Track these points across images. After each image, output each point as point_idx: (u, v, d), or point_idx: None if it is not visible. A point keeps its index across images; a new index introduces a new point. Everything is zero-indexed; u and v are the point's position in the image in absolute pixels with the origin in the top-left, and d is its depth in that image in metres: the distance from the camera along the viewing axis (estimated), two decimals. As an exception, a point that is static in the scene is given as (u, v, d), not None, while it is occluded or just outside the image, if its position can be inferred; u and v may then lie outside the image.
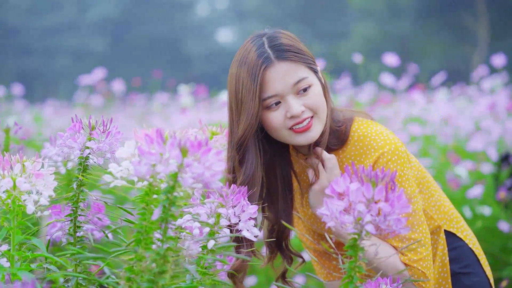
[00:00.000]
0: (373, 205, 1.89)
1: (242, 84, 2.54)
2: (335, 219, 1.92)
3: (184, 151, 1.83)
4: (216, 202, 2.16)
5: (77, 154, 2.16)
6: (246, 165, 2.58)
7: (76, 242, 2.20)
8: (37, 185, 2.02)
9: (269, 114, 2.55)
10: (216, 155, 1.86)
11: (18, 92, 9.71)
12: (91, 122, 2.19)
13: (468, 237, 2.81)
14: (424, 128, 6.38)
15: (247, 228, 2.18)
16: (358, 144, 2.61)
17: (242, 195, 2.18)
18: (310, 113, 2.55)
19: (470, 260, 2.78)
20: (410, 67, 7.94)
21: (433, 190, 2.78)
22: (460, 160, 5.47)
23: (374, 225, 1.89)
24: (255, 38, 2.61)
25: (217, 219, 2.16)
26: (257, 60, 2.52)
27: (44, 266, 2.11)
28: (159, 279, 1.85)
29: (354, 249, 1.95)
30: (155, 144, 1.85)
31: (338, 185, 1.94)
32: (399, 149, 2.57)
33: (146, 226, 1.90)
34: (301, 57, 2.56)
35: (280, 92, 2.52)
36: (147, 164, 1.84)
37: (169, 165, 1.83)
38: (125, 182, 2.00)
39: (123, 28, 33.58)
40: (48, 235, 2.35)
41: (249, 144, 2.57)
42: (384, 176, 1.93)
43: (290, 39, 2.59)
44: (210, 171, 1.84)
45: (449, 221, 2.78)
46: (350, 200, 1.91)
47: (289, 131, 2.56)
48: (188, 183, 1.82)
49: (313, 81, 2.56)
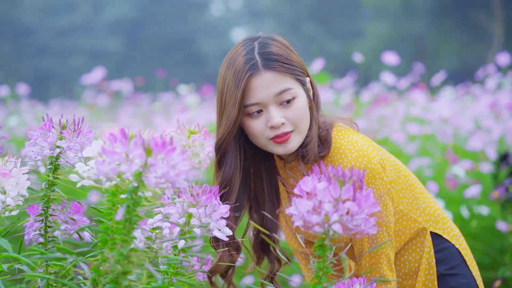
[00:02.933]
0: (340, 205, 1.87)
1: (227, 87, 2.54)
2: (303, 218, 1.90)
3: (148, 151, 1.82)
4: (187, 201, 2.15)
5: (48, 154, 2.15)
6: (225, 167, 2.59)
7: (47, 242, 2.18)
8: (4, 184, 2.00)
9: (251, 121, 2.54)
10: (181, 155, 1.84)
11: (24, 91, 9.73)
12: (61, 121, 2.17)
13: (455, 237, 2.78)
14: (423, 127, 6.34)
15: (219, 228, 2.16)
16: (333, 151, 2.59)
17: (214, 195, 2.17)
18: (290, 127, 2.54)
19: (457, 261, 2.75)
20: (416, 67, 7.91)
21: (418, 193, 2.76)
22: (458, 160, 5.42)
23: (342, 225, 1.87)
24: (247, 42, 2.60)
25: (188, 219, 2.14)
26: (244, 66, 2.52)
27: (16, 267, 2.10)
28: (122, 280, 1.83)
29: (322, 249, 1.93)
30: (118, 143, 1.84)
31: (305, 185, 1.92)
32: (371, 162, 2.54)
33: (112, 227, 1.89)
34: (289, 68, 2.54)
35: (262, 101, 2.51)
36: (110, 163, 1.83)
37: (132, 165, 1.81)
38: (92, 182, 1.98)
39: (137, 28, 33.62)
40: (26, 235, 2.34)
41: (228, 147, 2.57)
42: (352, 175, 1.91)
43: (281, 48, 2.57)
44: (174, 170, 1.83)
45: (434, 222, 2.75)
46: (318, 200, 1.90)
47: (268, 140, 2.55)
48: (152, 183, 1.81)
49: (298, 93, 2.54)
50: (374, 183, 2.54)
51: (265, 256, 2.83)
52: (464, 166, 5.27)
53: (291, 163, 2.68)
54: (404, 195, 2.71)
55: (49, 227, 2.18)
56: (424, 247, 2.72)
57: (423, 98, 6.73)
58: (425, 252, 2.72)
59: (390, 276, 2.60)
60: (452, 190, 5.13)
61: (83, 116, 2.15)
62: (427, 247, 2.72)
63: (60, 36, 32.13)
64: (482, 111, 6.29)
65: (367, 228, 1.90)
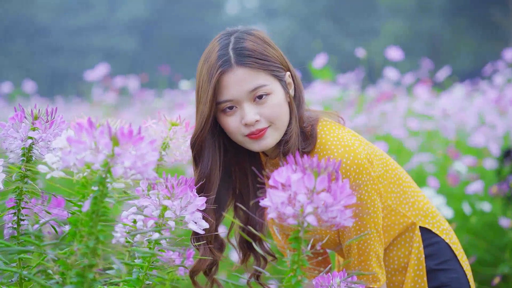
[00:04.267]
0: (315, 196, 1.81)
1: (202, 83, 2.49)
2: (277, 210, 1.84)
3: (115, 140, 1.77)
4: (161, 193, 2.09)
5: (19, 145, 2.10)
6: (202, 164, 2.53)
7: (20, 235, 2.13)
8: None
9: (226, 118, 2.49)
10: (149, 145, 1.79)
11: (30, 89, 9.75)
12: (33, 111, 2.12)
13: (445, 232, 2.72)
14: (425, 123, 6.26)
15: (194, 221, 2.11)
16: (319, 147, 2.53)
17: (189, 187, 2.11)
18: (266, 123, 2.47)
19: (447, 256, 2.69)
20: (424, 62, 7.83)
21: (406, 187, 2.69)
22: (460, 156, 5.35)
23: (317, 217, 1.82)
24: (223, 36, 2.54)
25: (162, 211, 2.09)
26: (216, 62, 2.46)
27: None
28: (88, 273, 1.78)
29: (297, 241, 1.88)
30: (84, 132, 1.79)
31: (280, 176, 1.87)
32: (358, 158, 2.48)
33: (81, 219, 1.84)
34: (263, 64, 2.47)
35: (235, 98, 2.45)
36: (76, 153, 1.78)
37: (99, 155, 1.76)
38: (62, 173, 1.94)
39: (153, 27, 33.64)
40: (5, 228, 2.30)
41: (205, 144, 2.52)
42: (327, 166, 1.85)
43: (257, 43, 2.50)
44: (142, 160, 1.77)
45: (424, 216, 2.69)
46: (292, 191, 1.84)
47: (243, 137, 2.49)
48: (119, 173, 1.76)
49: (274, 89, 2.47)
50: (362, 179, 2.48)
51: (251, 253, 2.77)
52: (467, 162, 5.20)
53: (274, 160, 2.62)
54: (392, 190, 2.65)
55: (22, 220, 2.13)
56: (413, 242, 2.66)
57: (426, 93, 6.64)
58: (414, 247, 2.66)
59: (380, 274, 2.54)
60: (454, 186, 5.06)
61: (85, 113, 2.10)
62: (416, 242, 2.66)
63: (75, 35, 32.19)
64: (487, 107, 6.21)
65: (343, 220, 1.84)
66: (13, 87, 9.93)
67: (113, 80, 8.80)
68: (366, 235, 2.51)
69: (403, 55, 6.71)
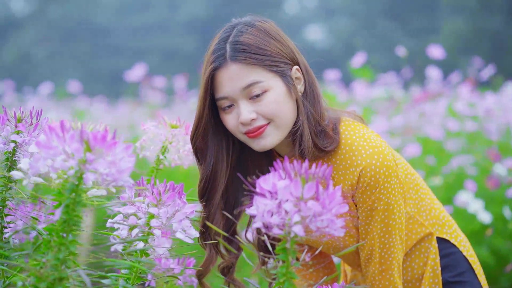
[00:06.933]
0: (302, 204, 1.68)
1: (201, 77, 2.37)
2: (262, 220, 1.72)
3: (87, 145, 1.66)
4: (147, 201, 1.98)
5: (2, 149, 2.01)
6: (204, 162, 2.40)
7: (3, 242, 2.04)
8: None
9: (225, 116, 2.37)
10: (124, 150, 1.69)
11: (75, 89, 9.75)
12: (17, 113, 2.03)
13: (462, 243, 2.56)
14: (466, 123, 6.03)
15: (183, 229, 1.99)
16: (344, 148, 2.36)
17: (178, 194, 2.00)
18: (264, 120, 2.32)
19: (463, 268, 2.53)
20: (475, 62, 7.63)
21: (423, 194, 2.54)
22: (501, 158, 5.13)
23: (304, 226, 1.69)
24: (227, 28, 2.41)
25: (148, 219, 1.98)
26: (211, 56, 2.35)
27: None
28: (58, 286, 1.68)
29: (285, 252, 1.75)
30: (54, 136, 1.69)
31: (266, 183, 1.74)
32: (387, 159, 2.32)
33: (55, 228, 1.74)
34: (260, 59, 2.30)
35: (229, 95, 2.32)
36: (46, 159, 1.68)
37: (68, 161, 1.66)
38: (40, 179, 1.83)
39: (212, 27, 33.68)
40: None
41: (205, 141, 2.38)
42: (315, 172, 1.72)
43: (256, 36, 2.34)
44: (115, 167, 1.67)
45: (440, 226, 2.53)
46: (279, 199, 1.71)
47: (243, 135, 2.35)
48: (90, 180, 1.65)
49: (272, 86, 2.31)
50: (390, 182, 2.32)
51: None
52: (508, 164, 4.97)
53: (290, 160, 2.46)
54: (411, 196, 2.49)
55: (5, 228, 2.04)
56: (430, 254, 2.50)
57: (468, 93, 6.41)
58: (430, 258, 2.49)
59: (400, 285, 2.39)
60: (494, 190, 4.85)
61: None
62: (433, 254, 2.50)
63: (136, 35, 32.40)
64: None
65: (333, 230, 1.71)
66: (81, 87, 9.88)
67: (152, 79, 8.74)
68: (390, 243, 2.37)
69: (464, 53, 6.53)
